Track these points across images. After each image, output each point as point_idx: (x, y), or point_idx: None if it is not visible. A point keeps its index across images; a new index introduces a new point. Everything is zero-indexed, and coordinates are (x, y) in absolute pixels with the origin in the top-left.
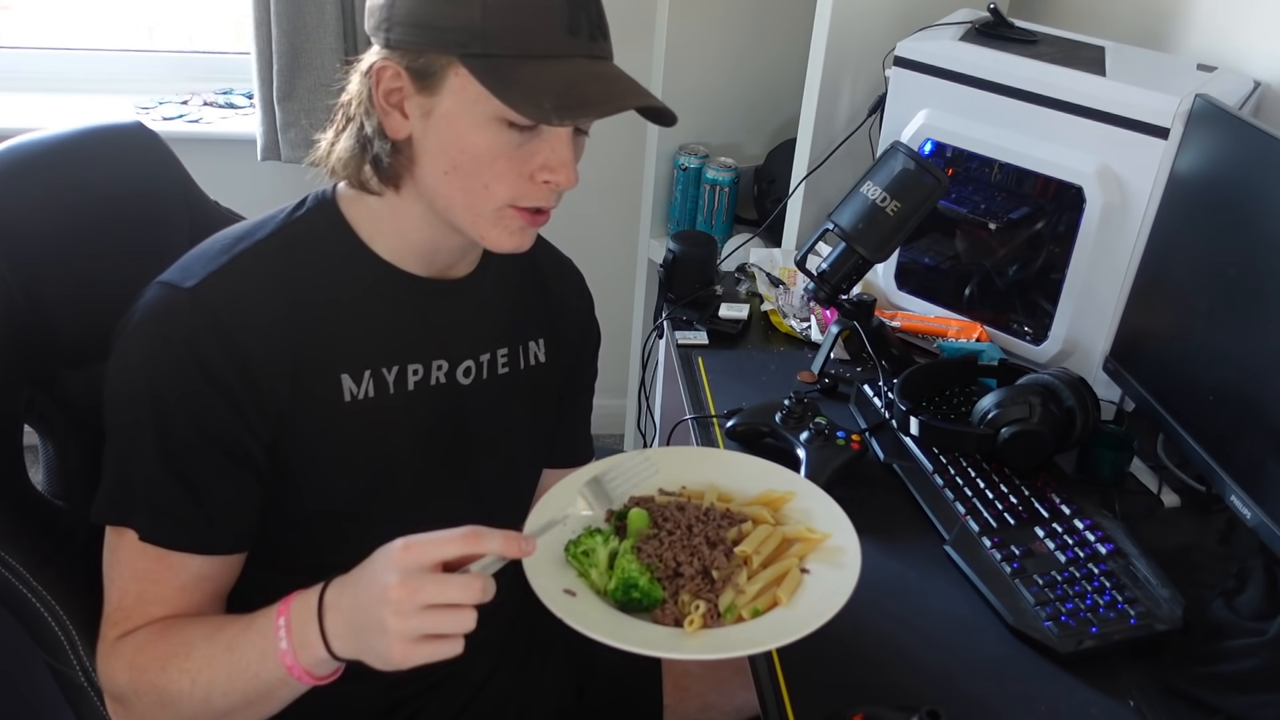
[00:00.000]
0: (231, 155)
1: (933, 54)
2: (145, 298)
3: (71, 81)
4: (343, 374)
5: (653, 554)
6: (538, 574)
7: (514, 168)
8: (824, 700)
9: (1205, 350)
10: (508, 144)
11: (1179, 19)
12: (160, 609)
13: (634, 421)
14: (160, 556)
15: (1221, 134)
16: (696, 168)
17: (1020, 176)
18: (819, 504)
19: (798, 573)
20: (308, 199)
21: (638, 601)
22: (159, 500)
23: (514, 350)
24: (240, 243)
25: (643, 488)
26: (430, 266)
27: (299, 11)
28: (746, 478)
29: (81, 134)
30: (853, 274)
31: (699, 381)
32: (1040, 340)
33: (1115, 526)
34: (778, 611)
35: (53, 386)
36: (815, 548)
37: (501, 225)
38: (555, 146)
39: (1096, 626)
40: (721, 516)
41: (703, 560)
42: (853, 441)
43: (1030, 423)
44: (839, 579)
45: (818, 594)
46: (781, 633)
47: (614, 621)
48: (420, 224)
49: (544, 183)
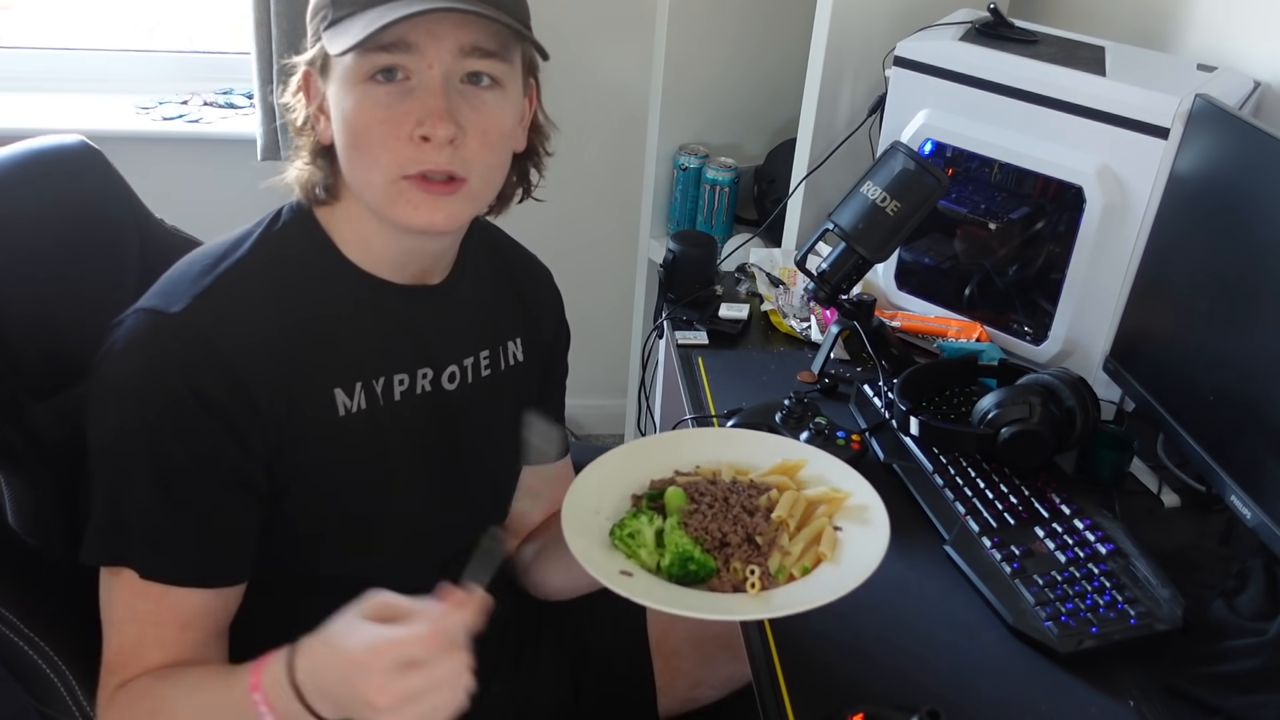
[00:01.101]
0: (231, 155)
1: (933, 54)
2: (127, 325)
3: (71, 81)
4: (335, 388)
5: (699, 527)
6: (590, 561)
7: (391, 130)
8: (824, 700)
9: (1205, 350)
10: (381, 104)
11: (1179, 19)
12: (159, 653)
13: (634, 421)
14: (162, 595)
15: (1221, 134)
16: (696, 168)
17: (1020, 176)
18: (832, 468)
19: (832, 530)
20: (282, 211)
21: (694, 573)
22: (158, 534)
23: (494, 352)
24: (221, 262)
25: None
26: (403, 273)
27: (299, 11)
28: (759, 452)
29: (27, 155)
30: (853, 274)
31: (699, 381)
32: (1040, 340)
33: (1115, 526)
34: (825, 567)
35: (19, 420)
36: (840, 507)
37: (401, 199)
38: (424, 98)
39: (1096, 626)
40: (749, 487)
41: (745, 528)
42: (853, 441)
43: (1030, 423)
44: (872, 533)
45: (857, 547)
46: (840, 584)
47: (684, 595)
48: (374, 227)
49: (422, 139)
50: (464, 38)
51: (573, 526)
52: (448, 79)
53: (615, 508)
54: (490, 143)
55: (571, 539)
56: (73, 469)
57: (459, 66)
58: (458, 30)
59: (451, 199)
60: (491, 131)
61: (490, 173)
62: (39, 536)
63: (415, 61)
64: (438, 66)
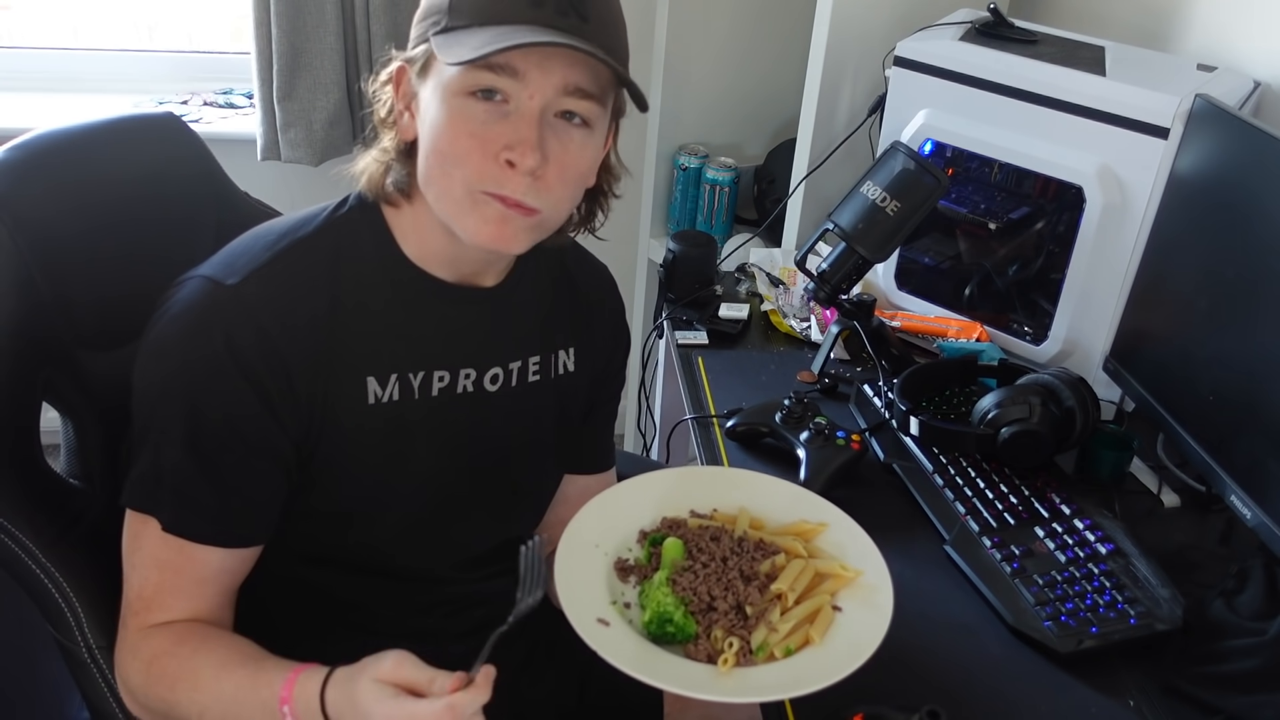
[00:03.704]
0: (231, 155)
1: (933, 54)
2: (185, 290)
3: (71, 81)
4: (369, 376)
5: (687, 587)
6: (572, 603)
7: (479, 146)
8: (824, 700)
9: (1205, 350)
10: (472, 118)
11: (1179, 19)
12: (180, 600)
13: (634, 421)
14: (182, 547)
15: (1221, 134)
16: (696, 168)
17: (1020, 176)
18: (852, 538)
19: (830, 610)
20: (350, 198)
21: (671, 635)
22: (186, 492)
23: (545, 359)
24: (283, 239)
25: (675, 509)
26: (456, 273)
27: (299, 11)
28: (779, 504)
29: (113, 123)
30: (853, 274)
31: (699, 381)
32: (1040, 340)
33: (1115, 526)
34: (809, 651)
35: (72, 368)
36: (847, 584)
37: (475, 211)
38: (518, 125)
39: (1096, 626)
40: (755, 547)
41: (737, 596)
42: (853, 441)
43: (1030, 423)
44: (871, 620)
45: (850, 635)
46: (812, 677)
47: (647, 655)
48: (436, 229)
49: (507, 163)
50: (570, 76)
51: (566, 560)
52: (544, 111)
53: (620, 542)
54: (568, 179)
55: (560, 572)
56: (120, 424)
57: (557, 102)
58: (567, 67)
59: (521, 221)
60: (571, 169)
61: (561, 206)
62: (81, 478)
63: (518, 88)
64: (538, 98)
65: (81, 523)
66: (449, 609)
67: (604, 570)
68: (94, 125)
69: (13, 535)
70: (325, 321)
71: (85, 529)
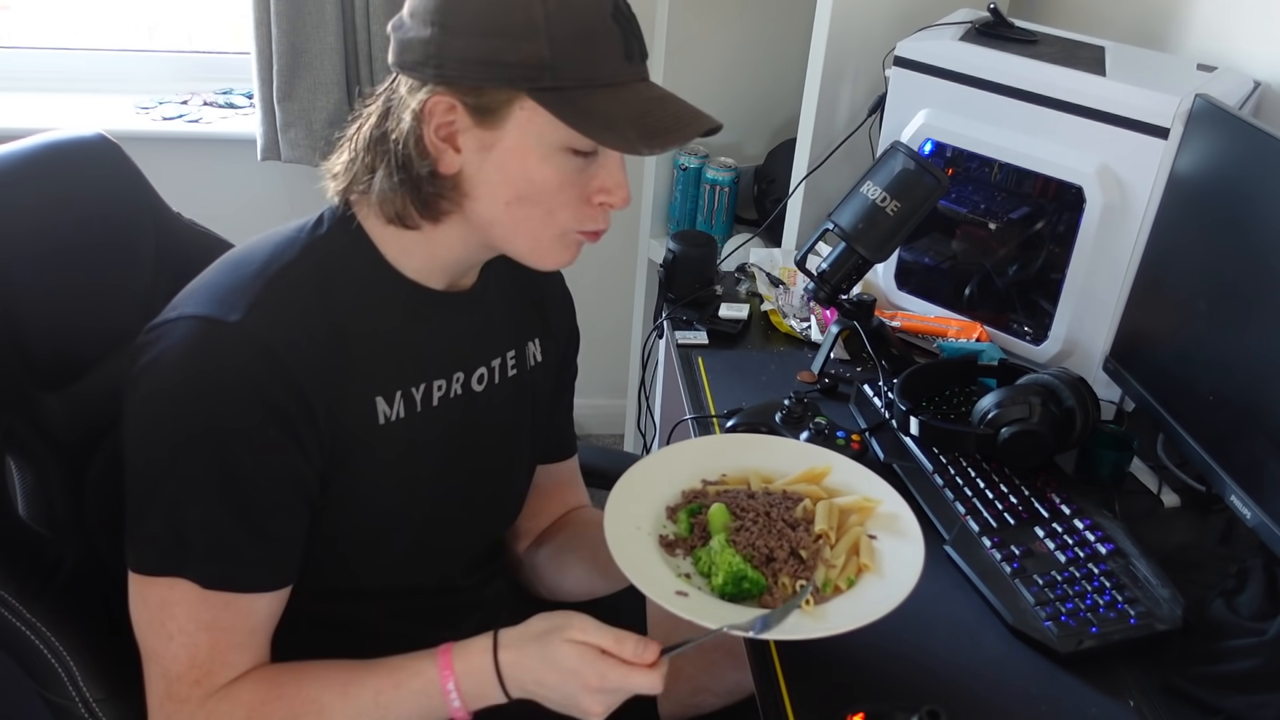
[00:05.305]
0: (231, 155)
1: (933, 54)
2: (178, 334)
3: (71, 81)
4: (377, 396)
5: (746, 544)
6: (652, 587)
7: (576, 193)
8: (824, 699)
9: (1205, 350)
10: (571, 171)
11: (1179, 19)
12: (240, 654)
13: (634, 421)
14: (229, 602)
15: (1221, 134)
16: (696, 168)
17: (1020, 176)
18: (858, 475)
19: (868, 540)
20: (324, 216)
21: (747, 591)
22: (225, 544)
23: (520, 352)
24: (270, 267)
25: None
26: (443, 280)
27: (299, 11)
28: (780, 458)
29: (44, 148)
30: (853, 274)
31: (699, 381)
32: (1040, 340)
33: (1115, 526)
34: (869, 578)
35: (31, 413)
36: (871, 514)
37: (562, 248)
38: (611, 170)
39: (1096, 626)
40: (784, 498)
41: (790, 542)
42: (853, 441)
43: (1030, 423)
44: (907, 544)
45: (896, 557)
46: (891, 594)
47: (740, 616)
48: (456, 249)
49: (600, 204)
50: None
51: (621, 551)
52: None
53: (653, 523)
54: None
55: (625, 563)
56: (81, 461)
57: None
58: None
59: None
60: None
61: None
62: (48, 525)
63: None
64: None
65: (60, 571)
66: (451, 618)
67: (655, 549)
68: (23, 152)
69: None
70: (328, 346)
71: (63, 579)
